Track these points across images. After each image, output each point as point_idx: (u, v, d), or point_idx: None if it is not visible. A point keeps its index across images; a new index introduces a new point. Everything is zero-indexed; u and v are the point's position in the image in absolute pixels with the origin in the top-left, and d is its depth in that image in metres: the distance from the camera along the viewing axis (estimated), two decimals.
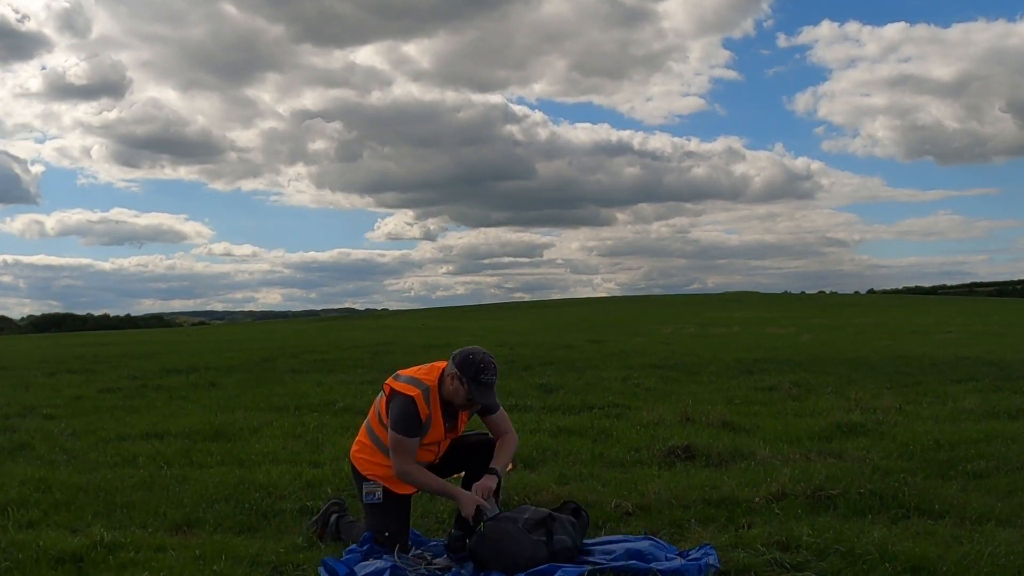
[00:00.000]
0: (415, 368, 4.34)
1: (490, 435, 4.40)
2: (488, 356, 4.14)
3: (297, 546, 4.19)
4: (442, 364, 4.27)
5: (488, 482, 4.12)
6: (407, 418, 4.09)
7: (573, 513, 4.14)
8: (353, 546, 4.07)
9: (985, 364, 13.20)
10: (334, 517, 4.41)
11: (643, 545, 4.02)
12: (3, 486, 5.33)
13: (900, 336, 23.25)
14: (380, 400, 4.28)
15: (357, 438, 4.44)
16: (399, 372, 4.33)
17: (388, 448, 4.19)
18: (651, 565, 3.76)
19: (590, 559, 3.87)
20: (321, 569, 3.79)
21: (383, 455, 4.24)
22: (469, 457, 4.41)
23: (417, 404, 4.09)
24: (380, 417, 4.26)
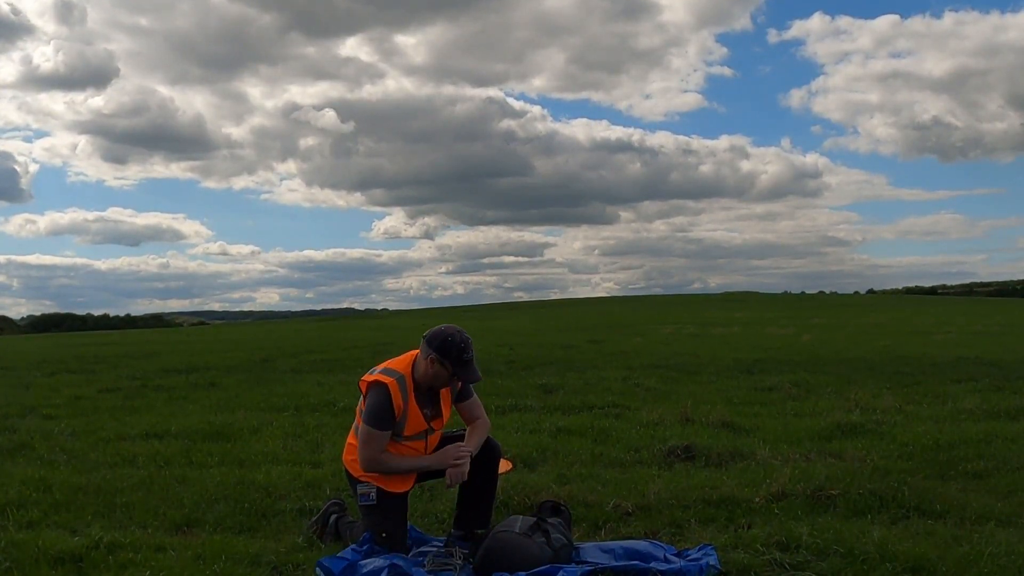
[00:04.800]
0: (388, 361, 4.30)
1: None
2: (463, 332, 4.12)
3: (297, 546, 4.19)
4: (414, 353, 4.23)
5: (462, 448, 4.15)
6: (379, 409, 4.05)
7: (553, 511, 4.16)
8: (353, 546, 4.07)
9: (985, 364, 13.21)
10: (333, 517, 4.40)
11: (642, 545, 4.02)
12: (3, 486, 5.33)
13: (900, 336, 23.25)
14: (361, 401, 4.23)
15: (347, 441, 4.40)
16: (373, 367, 4.31)
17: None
18: (651, 565, 3.76)
19: (589, 559, 3.87)
20: (318, 569, 3.79)
21: None
22: None
23: (391, 392, 4.06)
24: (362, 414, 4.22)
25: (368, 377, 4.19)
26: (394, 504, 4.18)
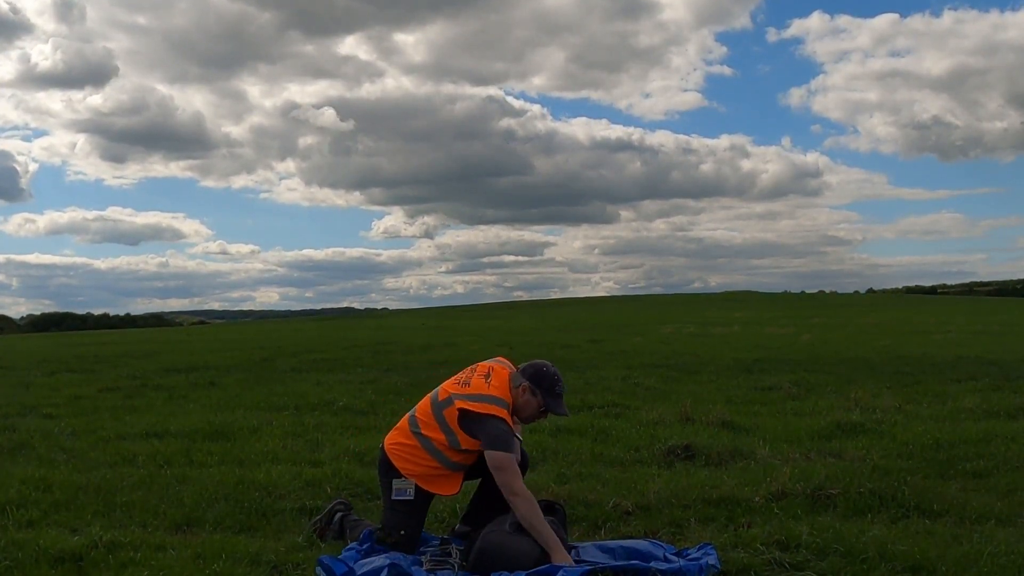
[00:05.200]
0: (478, 382, 4.20)
1: None
2: (556, 369, 4.26)
3: (297, 545, 4.19)
4: (502, 372, 4.22)
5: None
6: (507, 437, 4.03)
7: (547, 510, 4.13)
8: (352, 544, 4.07)
9: (985, 364, 13.21)
10: (339, 515, 4.40)
11: (642, 544, 4.02)
12: (3, 485, 5.33)
13: (900, 336, 23.24)
14: (449, 413, 4.13)
15: (397, 437, 4.29)
16: (463, 389, 4.20)
17: (441, 455, 4.13)
18: (651, 565, 3.76)
19: (589, 559, 3.87)
20: (318, 568, 3.79)
21: (433, 459, 4.16)
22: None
23: (508, 422, 4.08)
24: (447, 429, 4.12)
25: (476, 407, 4.07)
26: (424, 505, 4.19)
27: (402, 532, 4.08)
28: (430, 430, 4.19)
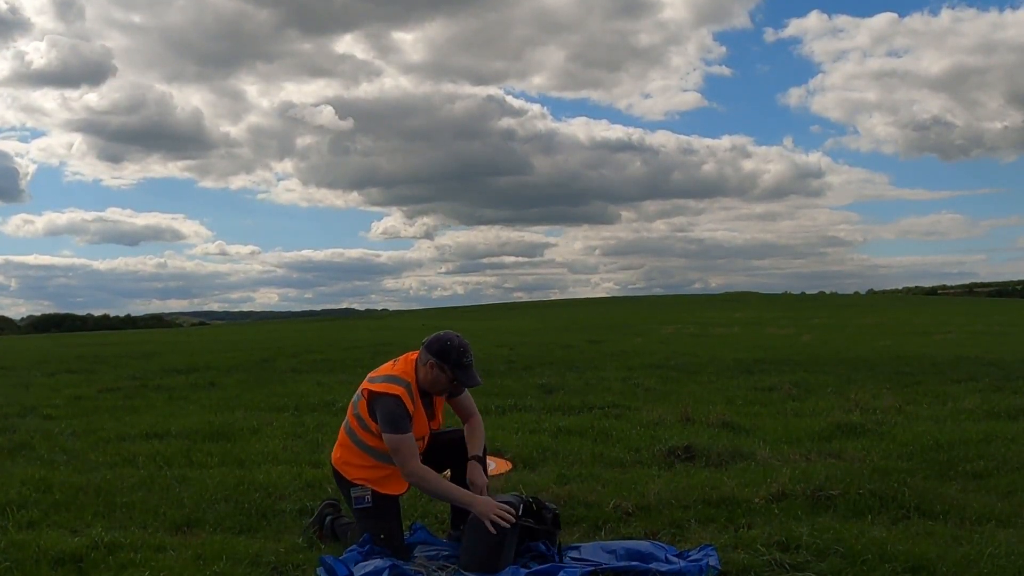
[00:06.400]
0: (386, 366, 4.29)
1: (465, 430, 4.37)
2: (461, 337, 4.17)
3: (297, 546, 4.19)
4: (412, 356, 4.25)
5: (479, 474, 4.16)
6: (398, 417, 4.05)
7: (537, 517, 4.00)
8: (353, 546, 4.07)
9: (985, 364, 13.20)
10: (329, 519, 4.40)
11: (643, 545, 4.02)
12: (3, 486, 5.33)
13: (900, 336, 23.25)
14: (360, 404, 4.21)
15: (338, 443, 4.38)
16: (371, 374, 4.28)
17: (372, 450, 4.16)
18: (651, 566, 3.76)
19: (590, 559, 3.87)
20: (319, 569, 3.79)
21: (369, 456, 4.19)
22: (451, 455, 4.36)
23: (404, 401, 4.07)
24: (362, 420, 4.20)
25: (375, 387, 4.15)
26: (389, 505, 4.17)
27: (382, 536, 4.08)
28: (360, 431, 4.22)
